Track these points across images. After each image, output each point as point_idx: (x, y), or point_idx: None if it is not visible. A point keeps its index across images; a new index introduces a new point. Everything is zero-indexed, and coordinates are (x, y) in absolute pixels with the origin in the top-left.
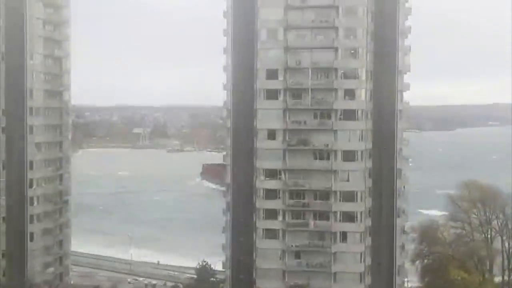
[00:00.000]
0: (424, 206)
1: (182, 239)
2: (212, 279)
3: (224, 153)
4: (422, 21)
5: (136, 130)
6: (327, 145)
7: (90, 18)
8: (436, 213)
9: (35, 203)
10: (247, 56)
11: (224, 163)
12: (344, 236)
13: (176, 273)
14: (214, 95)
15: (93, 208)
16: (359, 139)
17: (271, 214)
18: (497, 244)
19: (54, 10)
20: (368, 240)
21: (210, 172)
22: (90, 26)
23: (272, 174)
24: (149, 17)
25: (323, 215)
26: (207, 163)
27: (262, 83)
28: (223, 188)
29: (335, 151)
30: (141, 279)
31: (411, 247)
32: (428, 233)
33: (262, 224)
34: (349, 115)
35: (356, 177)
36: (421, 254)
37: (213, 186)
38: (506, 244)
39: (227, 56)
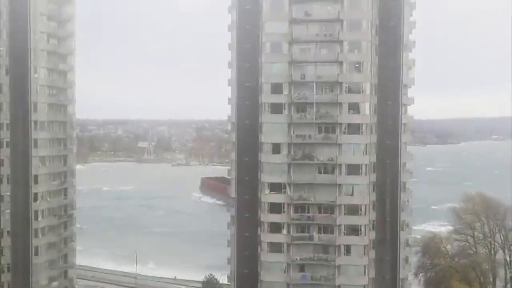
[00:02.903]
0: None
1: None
2: None
3: (229, 167)
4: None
5: (141, 144)
6: (332, 159)
7: (94, 32)
8: (429, 228)
9: (40, 217)
10: (251, 70)
11: (224, 176)
12: (348, 249)
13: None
14: (219, 109)
15: None
16: (364, 153)
17: (276, 227)
18: (500, 256)
19: (58, 24)
20: (372, 253)
21: (209, 186)
22: (95, 41)
23: (276, 187)
24: (154, 31)
25: (327, 229)
26: (206, 177)
27: (266, 97)
28: (221, 203)
29: (340, 165)
30: None
31: (414, 259)
32: (430, 246)
33: (266, 237)
34: (354, 129)
35: (360, 191)
36: (424, 267)
37: (210, 201)
38: (508, 257)
39: (231, 70)
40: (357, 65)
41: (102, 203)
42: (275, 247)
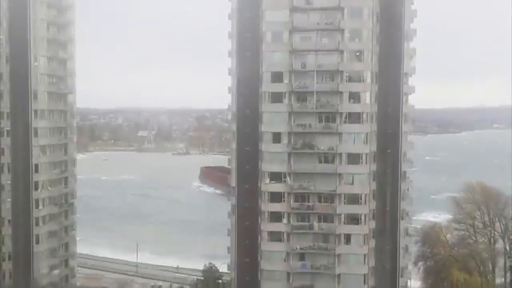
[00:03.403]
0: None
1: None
2: (218, 280)
3: (229, 156)
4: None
5: (141, 133)
6: (332, 148)
7: (94, 20)
8: (427, 218)
9: (41, 205)
10: (252, 59)
11: (224, 166)
12: (348, 238)
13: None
14: (220, 98)
15: None
16: (364, 142)
17: (276, 217)
18: (500, 245)
19: (58, 12)
20: (372, 242)
21: (209, 175)
22: (95, 29)
23: (277, 177)
24: (155, 20)
25: (327, 218)
26: (205, 166)
27: (267, 86)
28: (220, 192)
29: (340, 154)
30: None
31: (414, 249)
32: (430, 235)
33: (267, 226)
34: (354, 118)
35: (360, 180)
36: (424, 256)
37: (209, 190)
38: (507, 246)
39: (232, 59)
40: (358, 53)
41: (102, 193)
42: (275, 236)
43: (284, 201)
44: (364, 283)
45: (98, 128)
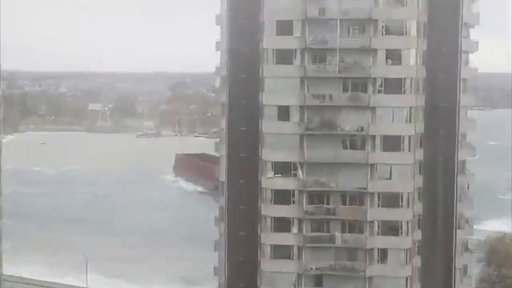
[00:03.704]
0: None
1: None
2: None
3: (217, 139)
4: None
5: (93, 106)
6: (361, 128)
7: None
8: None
9: None
10: (249, 2)
11: (206, 153)
12: (383, 255)
13: None
14: (204, 58)
15: None
16: (407, 121)
17: (283, 224)
18: None
19: None
20: (417, 260)
21: (187, 166)
22: None
23: (284, 169)
24: None
25: (354, 226)
26: (183, 153)
27: (270, 41)
28: (202, 190)
29: (373, 137)
30: None
31: (476, 270)
32: (498, 251)
33: (270, 238)
34: (393, 86)
35: (401, 174)
36: (490, 280)
37: (186, 186)
38: None
39: (221, 1)
40: None
41: (36, 190)
42: (282, 252)
43: (294, 202)
44: None
45: (32, 99)
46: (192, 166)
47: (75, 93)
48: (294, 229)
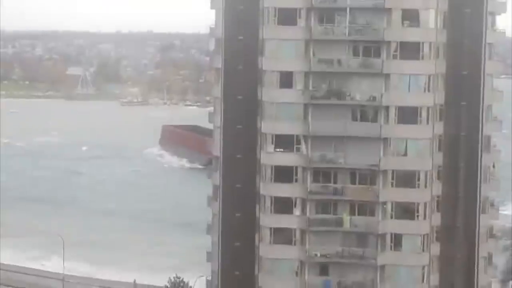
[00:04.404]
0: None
1: None
2: None
3: (211, 108)
4: None
5: (72, 71)
6: (374, 98)
7: None
8: None
9: None
10: None
11: (198, 125)
12: (397, 240)
13: None
14: (197, 17)
15: None
16: (425, 90)
17: (284, 205)
18: None
19: None
20: (435, 248)
21: (176, 138)
22: None
23: (286, 142)
24: None
25: (364, 208)
26: (169, 125)
27: None
28: (191, 165)
29: (386, 108)
30: None
31: (502, 259)
32: None
33: (269, 220)
34: (410, 50)
35: (418, 149)
36: None
37: (174, 160)
38: None
39: None
40: None
41: (6, 163)
42: (283, 236)
43: (297, 180)
44: None
45: (5, 62)
46: (181, 139)
47: (52, 55)
48: (297, 211)
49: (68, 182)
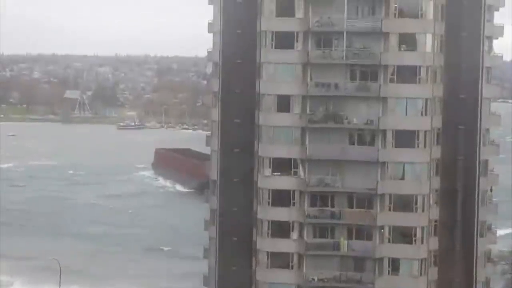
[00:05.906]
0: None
1: None
2: None
3: (208, 132)
4: None
5: (70, 94)
6: (371, 121)
7: None
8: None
9: None
10: None
11: (192, 149)
12: (395, 265)
13: None
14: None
15: None
16: (422, 113)
17: (281, 229)
18: None
19: None
20: (433, 272)
21: (170, 162)
22: None
23: (284, 166)
24: None
25: (362, 232)
26: (162, 148)
27: (269, 22)
28: (185, 189)
29: (384, 132)
30: None
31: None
32: None
33: (266, 244)
34: (407, 75)
35: (416, 173)
36: None
37: (167, 185)
38: None
39: None
40: None
41: (2, 188)
42: (280, 260)
43: (294, 204)
44: None
45: (3, 86)
46: (174, 163)
47: (50, 79)
48: (294, 235)
49: (53, 205)
